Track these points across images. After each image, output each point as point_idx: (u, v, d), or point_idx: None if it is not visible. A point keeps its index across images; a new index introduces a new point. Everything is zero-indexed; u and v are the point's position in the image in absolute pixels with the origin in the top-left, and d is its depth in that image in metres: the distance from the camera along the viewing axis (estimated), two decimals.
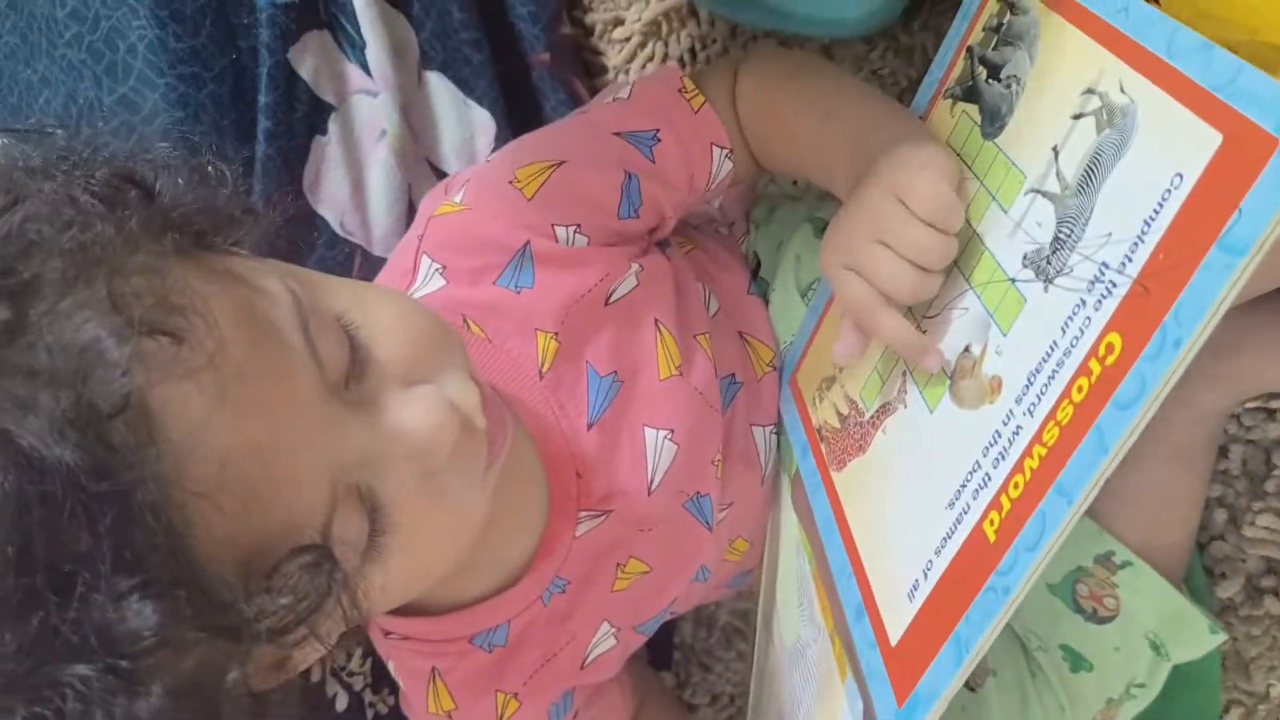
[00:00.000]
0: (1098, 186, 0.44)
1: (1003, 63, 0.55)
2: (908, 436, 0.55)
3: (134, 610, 0.33)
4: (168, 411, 0.36)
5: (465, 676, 0.63)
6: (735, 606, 0.98)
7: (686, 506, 0.66)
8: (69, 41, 0.76)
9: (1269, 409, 0.75)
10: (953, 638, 0.46)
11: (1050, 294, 0.46)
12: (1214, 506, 0.78)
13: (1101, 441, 0.41)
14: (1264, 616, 0.78)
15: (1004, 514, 0.45)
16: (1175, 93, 0.41)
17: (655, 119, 0.66)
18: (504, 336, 0.61)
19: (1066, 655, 0.75)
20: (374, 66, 0.82)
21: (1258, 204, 0.36)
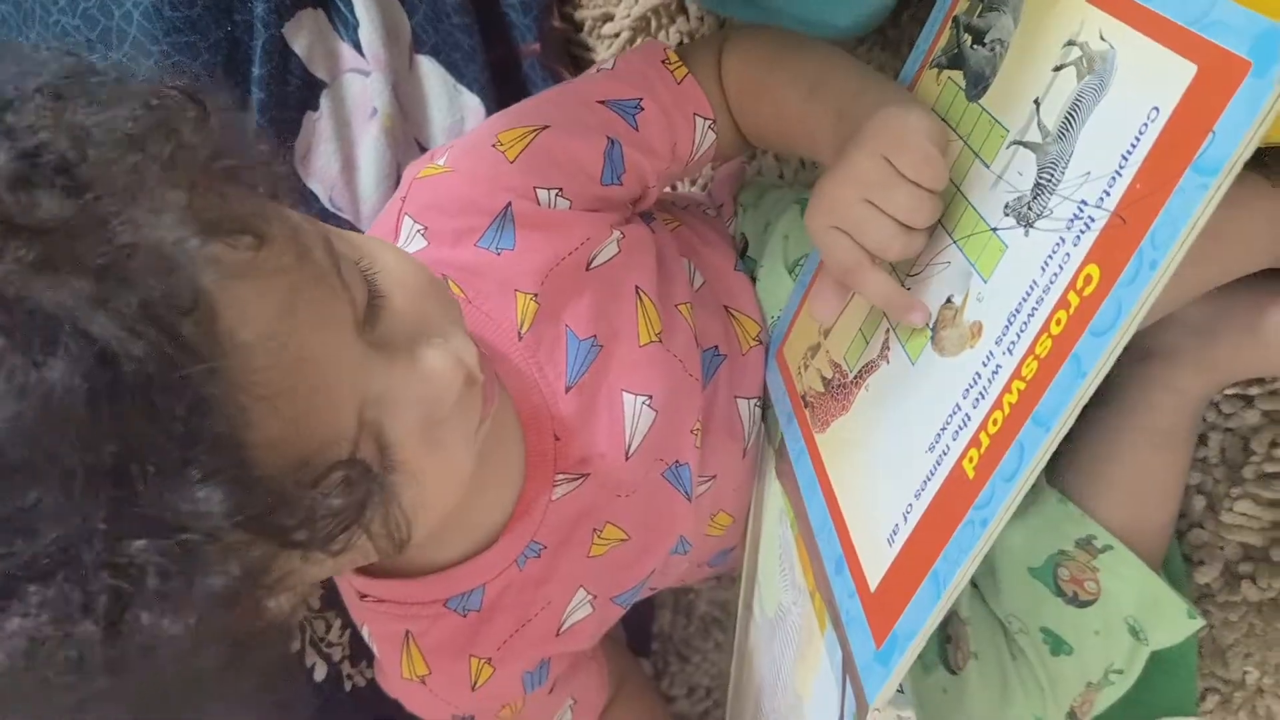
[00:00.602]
0: (1078, 131, 0.46)
1: (987, 28, 0.56)
2: (890, 390, 0.56)
3: (201, 494, 0.34)
4: (239, 314, 0.37)
5: (439, 640, 0.63)
6: (714, 596, 0.98)
7: (665, 476, 0.66)
8: (63, 8, 0.76)
9: (1247, 396, 0.76)
10: (931, 575, 0.46)
11: (1031, 237, 0.47)
12: (1193, 494, 0.79)
13: (1078, 368, 0.42)
14: (1241, 603, 0.78)
15: (983, 450, 0.46)
16: (1152, 33, 0.43)
17: (638, 88, 0.67)
18: (484, 297, 0.62)
19: (1047, 638, 0.75)
20: (366, 47, 0.83)
21: (1230, 125, 0.38)
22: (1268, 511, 0.76)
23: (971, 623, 0.78)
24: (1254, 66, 0.37)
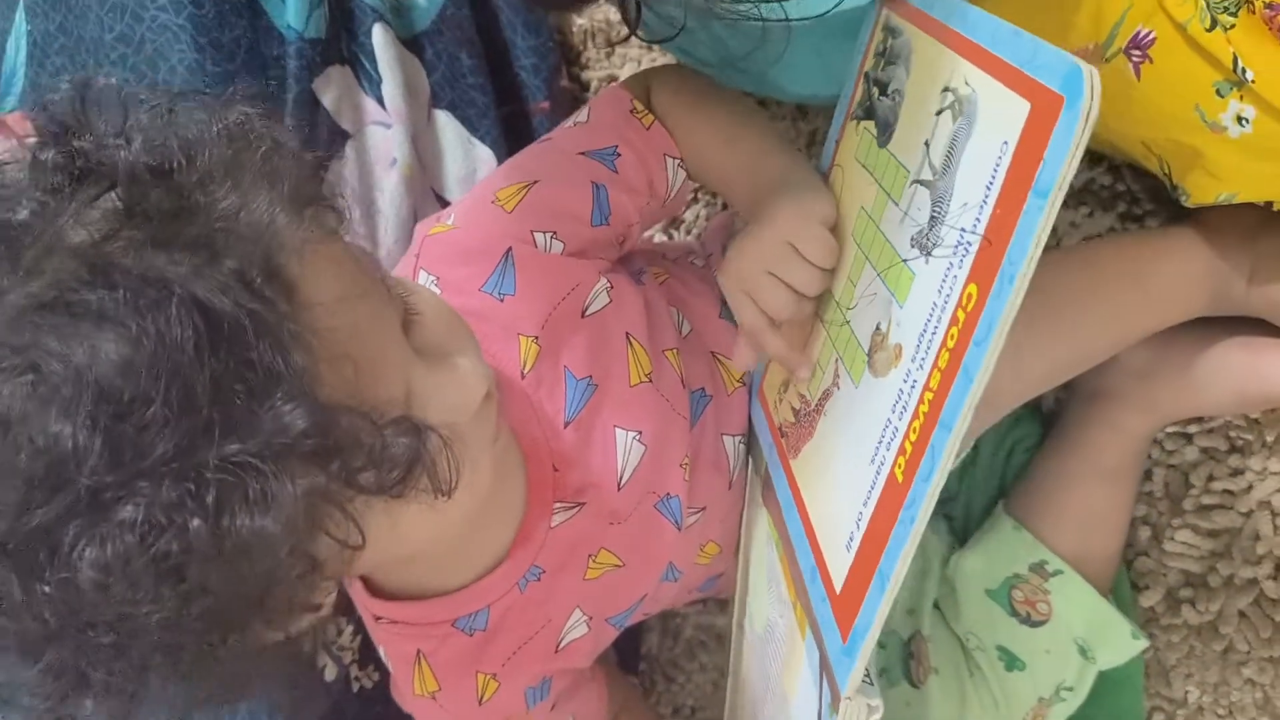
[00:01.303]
0: (956, 167, 0.52)
1: (889, 80, 0.63)
2: (842, 413, 0.61)
3: (286, 412, 0.41)
4: (313, 284, 0.45)
5: (448, 658, 0.68)
6: (700, 620, 1.03)
7: (657, 507, 0.71)
8: (114, 62, 0.83)
9: (1186, 434, 0.82)
10: (878, 573, 0.52)
11: (930, 264, 0.53)
12: (1139, 524, 0.85)
13: (968, 376, 0.47)
14: (1182, 625, 0.84)
15: (908, 456, 0.51)
16: (999, 75, 0.49)
17: (613, 137, 0.73)
18: (490, 340, 0.67)
19: (1002, 655, 0.81)
20: (389, 101, 0.90)
21: (1055, 152, 0.43)
22: (1206, 541, 0.82)
23: (933, 640, 0.84)
24: (1066, 100, 0.43)
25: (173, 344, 0.39)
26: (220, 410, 0.40)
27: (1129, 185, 0.83)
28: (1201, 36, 0.62)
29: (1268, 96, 0.61)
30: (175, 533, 0.39)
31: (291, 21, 0.85)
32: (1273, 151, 0.63)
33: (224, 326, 0.40)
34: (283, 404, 0.41)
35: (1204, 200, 0.69)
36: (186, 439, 0.39)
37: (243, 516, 0.40)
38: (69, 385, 0.39)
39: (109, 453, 0.39)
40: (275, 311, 0.42)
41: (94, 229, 0.42)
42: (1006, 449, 0.89)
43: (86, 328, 0.39)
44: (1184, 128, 0.66)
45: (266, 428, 0.41)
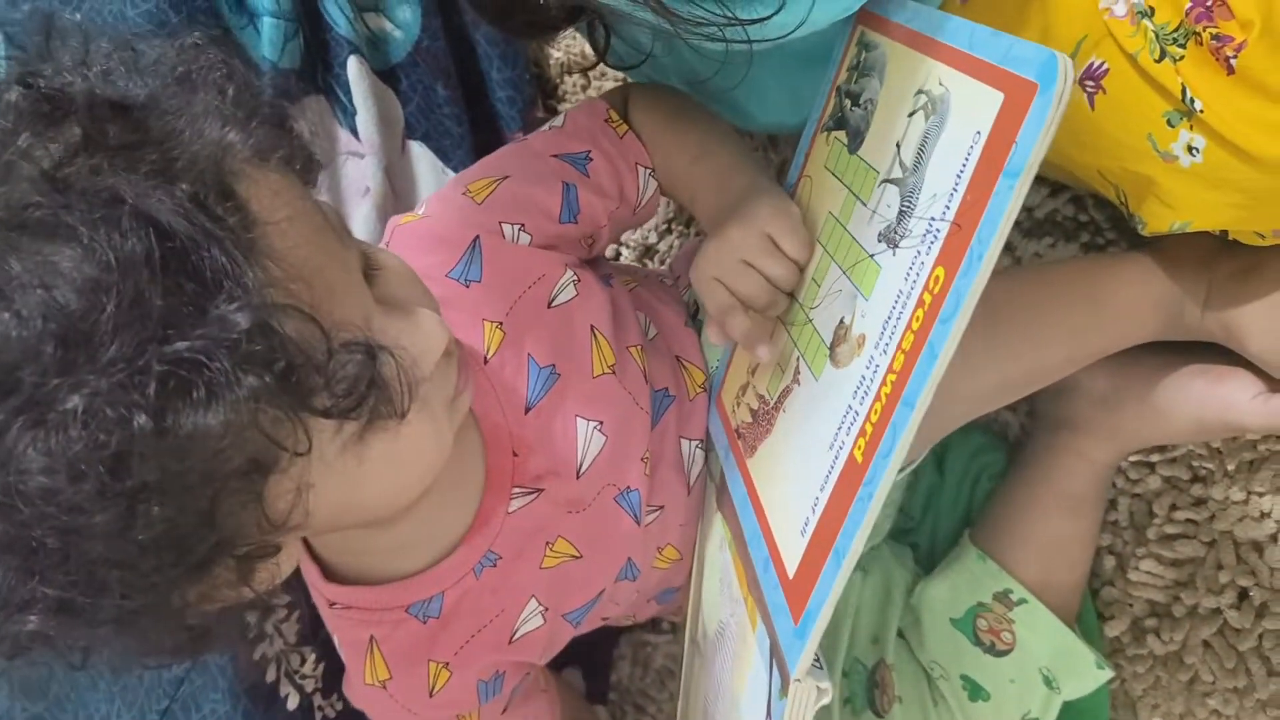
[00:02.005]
0: (927, 162, 0.54)
1: (861, 91, 0.65)
2: (801, 406, 0.62)
3: (233, 311, 0.42)
4: (267, 205, 0.46)
5: (400, 645, 0.67)
6: (670, 650, 1.02)
7: (617, 500, 0.71)
8: None
9: (1149, 463, 0.82)
10: (834, 552, 0.52)
11: (897, 256, 0.54)
12: (1104, 554, 0.84)
13: (933, 352, 0.48)
14: (1148, 656, 0.83)
15: (868, 437, 0.52)
16: (973, 72, 0.51)
17: (586, 143, 0.75)
18: (455, 326, 0.66)
19: (966, 684, 0.80)
20: (363, 132, 0.90)
21: (1027, 135, 0.46)
22: (1170, 570, 0.82)
23: (897, 669, 0.83)
24: (1040, 87, 0.45)
25: (126, 255, 0.40)
26: (169, 313, 0.41)
27: (1092, 215, 0.83)
28: (1151, 68, 0.62)
29: (1216, 126, 0.61)
30: (118, 424, 0.40)
31: (266, 52, 0.85)
32: (1223, 180, 0.63)
33: (176, 239, 0.41)
34: (228, 304, 0.42)
35: (1159, 229, 0.69)
36: (135, 341, 0.40)
37: (186, 411, 0.41)
38: (22, 293, 0.40)
39: (59, 355, 0.40)
40: (225, 225, 0.43)
41: (52, 154, 0.43)
42: (972, 477, 0.89)
43: (41, 242, 0.41)
44: (1137, 157, 0.66)
45: (213, 327, 0.41)
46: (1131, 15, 0.63)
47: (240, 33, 0.86)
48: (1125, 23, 0.63)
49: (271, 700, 0.79)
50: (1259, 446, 0.79)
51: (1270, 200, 0.64)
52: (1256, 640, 0.80)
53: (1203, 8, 0.60)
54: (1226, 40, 0.60)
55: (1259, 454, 0.79)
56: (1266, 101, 0.59)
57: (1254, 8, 0.58)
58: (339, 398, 0.46)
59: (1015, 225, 0.84)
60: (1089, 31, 0.65)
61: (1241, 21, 0.59)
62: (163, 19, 0.81)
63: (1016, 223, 0.84)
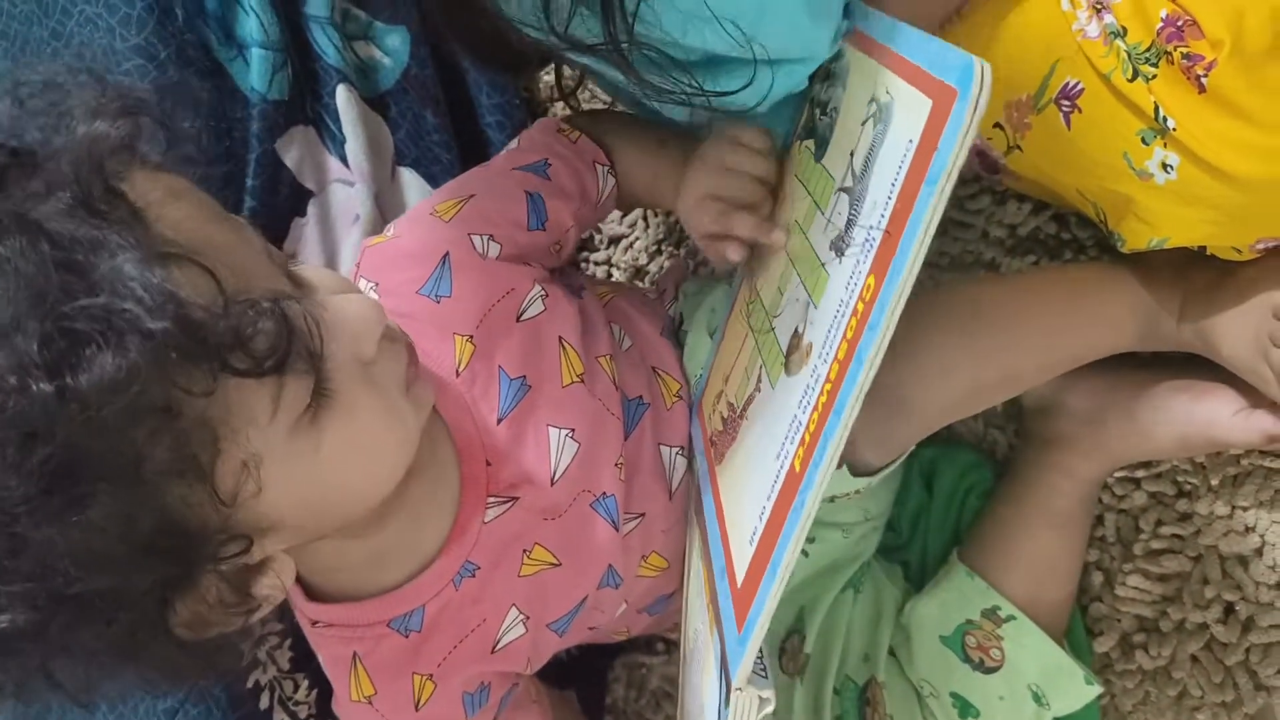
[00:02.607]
0: (871, 170, 0.53)
1: (828, 99, 0.64)
2: (759, 414, 0.62)
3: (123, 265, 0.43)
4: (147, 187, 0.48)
5: (383, 660, 0.67)
6: (666, 671, 1.02)
7: (594, 506, 0.71)
8: None
9: (1135, 479, 0.82)
10: (771, 563, 0.51)
11: (843, 264, 0.54)
12: (1092, 570, 0.84)
13: (859, 360, 0.48)
14: (1137, 670, 0.82)
15: (806, 446, 0.51)
16: (910, 79, 0.51)
17: (542, 152, 0.77)
18: (426, 340, 0.68)
19: (956, 702, 0.80)
20: (352, 160, 0.90)
21: (946, 142, 0.45)
22: (1157, 585, 0.81)
23: (888, 686, 0.82)
24: (959, 92, 0.45)
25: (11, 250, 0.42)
26: (60, 284, 0.42)
27: (1074, 233, 0.83)
28: (1124, 87, 0.63)
29: (1189, 144, 0.61)
30: (17, 392, 0.41)
31: (255, 84, 0.86)
32: (1197, 197, 0.63)
33: (63, 232, 0.43)
34: (116, 259, 0.43)
35: (1138, 246, 0.69)
36: (26, 314, 0.41)
37: (83, 366, 0.41)
38: None
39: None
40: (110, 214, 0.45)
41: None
42: (961, 495, 0.88)
43: None
44: (1114, 175, 0.66)
45: (103, 286, 0.42)
46: (1104, 36, 0.63)
47: (230, 64, 0.86)
48: (1098, 44, 0.63)
49: None
50: (1242, 461, 0.79)
51: (1244, 216, 0.64)
52: (1243, 654, 0.80)
53: (1174, 27, 0.61)
54: (1197, 59, 0.60)
55: (1242, 468, 0.79)
56: (1237, 120, 0.60)
57: (1224, 27, 0.59)
58: (257, 357, 0.46)
59: (998, 243, 0.85)
60: (1063, 53, 0.65)
61: (1212, 41, 0.59)
62: (151, 52, 0.82)
63: (999, 240, 0.85)
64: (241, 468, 0.48)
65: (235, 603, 0.53)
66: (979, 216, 0.86)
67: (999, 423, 0.89)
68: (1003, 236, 0.85)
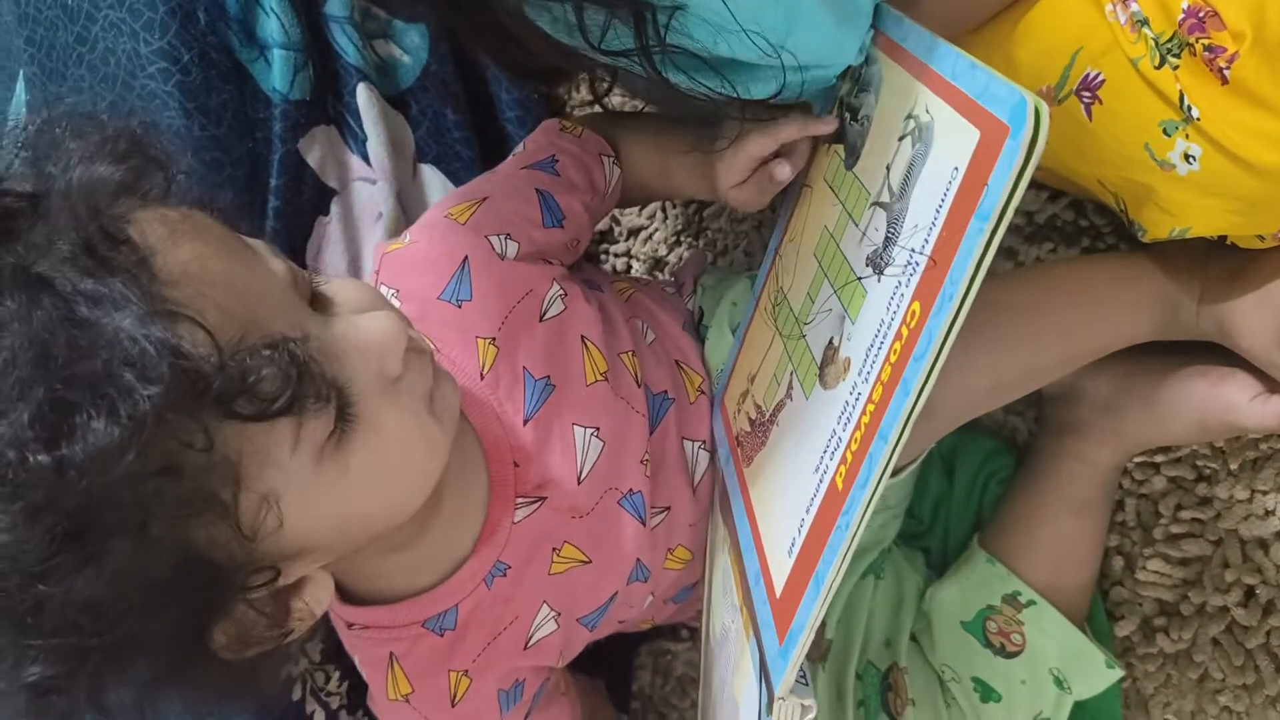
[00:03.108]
0: (911, 190, 0.53)
1: (860, 105, 0.64)
2: (792, 423, 0.62)
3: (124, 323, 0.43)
4: (157, 231, 0.47)
5: (420, 659, 0.67)
6: (690, 658, 1.02)
7: (621, 503, 0.71)
8: None
9: (1154, 464, 0.82)
10: (814, 577, 0.52)
11: (882, 283, 0.53)
12: (1112, 554, 0.84)
13: (906, 389, 0.47)
14: (1158, 654, 0.82)
15: (848, 465, 0.51)
16: (955, 104, 0.50)
17: (549, 150, 0.78)
18: (449, 346, 0.68)
19: (977, 686, 0.80)
20: (373, 158, 0.90)
21: (998, 179, 0.44)
22: (1177, 569, 0.81)
23: (910, 672, 0.83)
24: (1011, 130, 0.44)
25: (13, 312, 0.42)
26: (56, 351, 0.42)
27: (1092, 220, 0.83)
28: (1151, 74, 0.62)
29: (1212, 134, 0.61)
30: (16, 465, 0.41)
31: (277, 84, 0.85)
32: (1220, 188, 0.63)
33: (59, 291, 0.43)
34: (112, 321, 0.42)
35: (1159, 235, 0.69)
36: (24, 383, 0.41)
37: (78, 436, 0.41)
38: None
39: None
40: (111, 263, 0.44)
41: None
42: (981, 482, 0.88)
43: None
44: (1135, 166, 0.66)
45: (98, 350, 0.42)
46: (1131, 23, 0.62)
47: (251, 65, 0.85)
48: (1126, 30, 0.63)
49: (298, 718, 0.80)
50: (1261, 445, 0.78)
51: (1267, 205, 0.63)
52: (1264, 637, 0.80)
53: (1195, 19, 0.60)
54: (1219, 51, 0.59)
55: (1261, 452, 0.79)
56: (1261, 111, 0.59)
57: (1245, 19, 0.58)
58: (264, 402, 0.46)
59: (1016, 230, 0.85)
60: (1085, 43, 0.64)
61: (1233, 32, 0.59)
62: (175, 56, 0.82)
63: (1017, 227, 0.84)
64: (263, 503, 0.48)
65: (274, 622, 0.54)
66: None
67: (1019, 409, 0.89)
68: (1020, 224, 0.85)
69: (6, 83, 0.97)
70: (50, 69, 0.88)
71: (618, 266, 1.08)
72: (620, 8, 0.54)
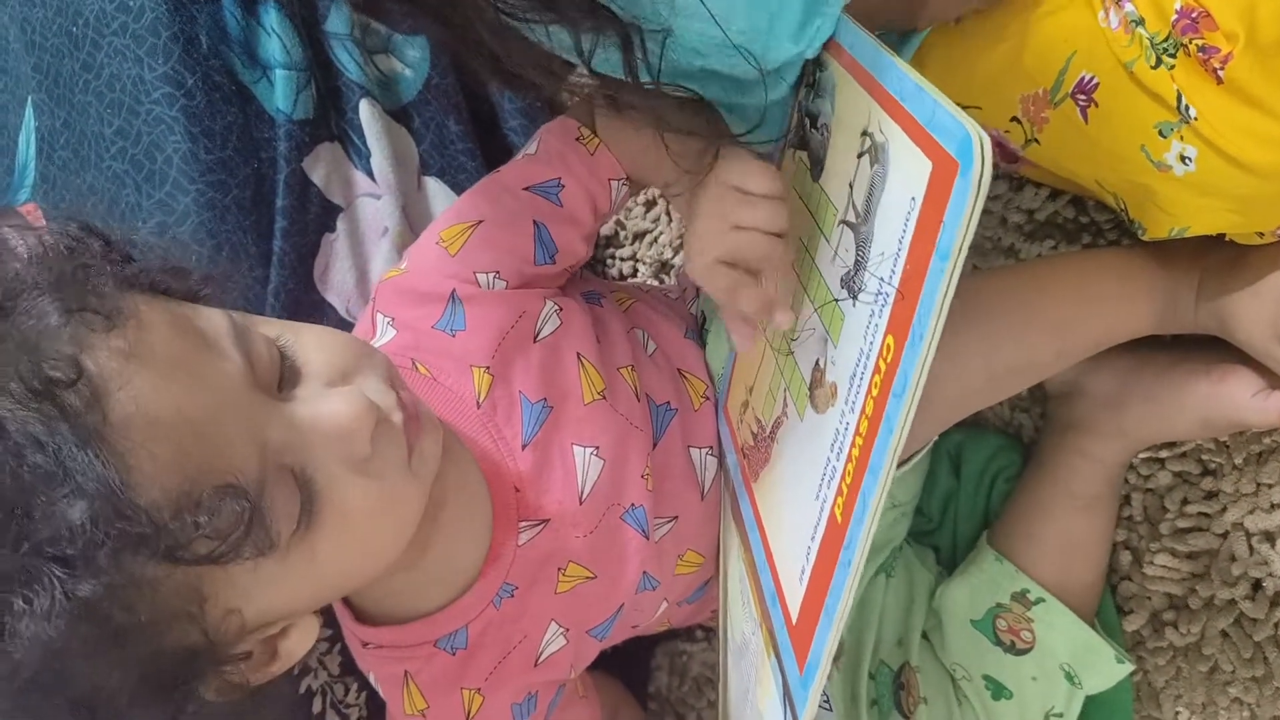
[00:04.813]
0: (874, 214, 0.50)
1: (818, 112, 0.61)
2: (790, 443, 0.60)
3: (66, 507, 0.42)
4: (112, 367, 0.45)
5: (433, 677, 0.67)
6: (706, 658, 1.02)
7: (624, 518, 0.71)
8: (114, 155, 0.83)
9: (1159, 459, 0.80)
10: (825, 609, 0.51)
11: (857, 308, 0.52)
12: (1120, 549, 0.82)
13: (890, 426, 0.46)
14: (1167, 648, 0.81)
15: (844, 498, 0.50)
16: (906, 129, 0.47)
17: (557, 169, 0.73)
18: (445, 374, 0.68)
19: (989, 684, 0.79)
20: (378, 173, 0.89)
21: (952, 217, 0.42)
22: (1185, 563, 0.80)
23: (922, 670, 0.82)
24: (960, 167, 0.42)
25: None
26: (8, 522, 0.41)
27: (1093, 217, 0.81)
28: (1147, 75, 0.61)
29: (1208, 134, 0.59)
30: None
31: (280, 104, 0.85)
32: (1217, 187, 0.61)
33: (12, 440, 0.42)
34: (67, 499, 0.42)
35: (1158, 234, 0.67)
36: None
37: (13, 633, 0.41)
38: None
39: None
40: (57, 421, 0.43)
41: None
42: (989, 480, 0.87)
43: None
44: (1133, 168, 0.64)
45: (54, 525, 0.41)
46: (1125, 25, 0.61)
47: (254, 86, 0.85)
48: (1120, 34, 0.61)
49: None
50: (1265, 439, 0.77)
51: (1264, 204, 0.62)
52: (1272, 629, 0.78)
53: (1189, 20, 0.59)
54: (1213, 51, 0.58)
55: (1266, 446, 0.77)
56: (1255, 111, 0.58)
57: (1238, 20, 0.57)
58: (215, 544, 0.45)
59: (1017, 228, 0.83)
60: (1079, 47, 0.63)
61: (1226, 33, 0.57)
62: (179, 80, 0.81)
63: (1018, 225, 0.83)
64: (228, 614, 0.48)
65: (260, 665, 0.54)
66: (996, 202, 0.84)
67: (1025, 405, 0.87)
68: (1020, 222, 0.84)
69: (16, 109, 0.96)
70: (58, 95, 0.87)
71: (624, 270, 1.07)
72: (607, 31, 0.53)
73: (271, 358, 0.53)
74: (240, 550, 0.46)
